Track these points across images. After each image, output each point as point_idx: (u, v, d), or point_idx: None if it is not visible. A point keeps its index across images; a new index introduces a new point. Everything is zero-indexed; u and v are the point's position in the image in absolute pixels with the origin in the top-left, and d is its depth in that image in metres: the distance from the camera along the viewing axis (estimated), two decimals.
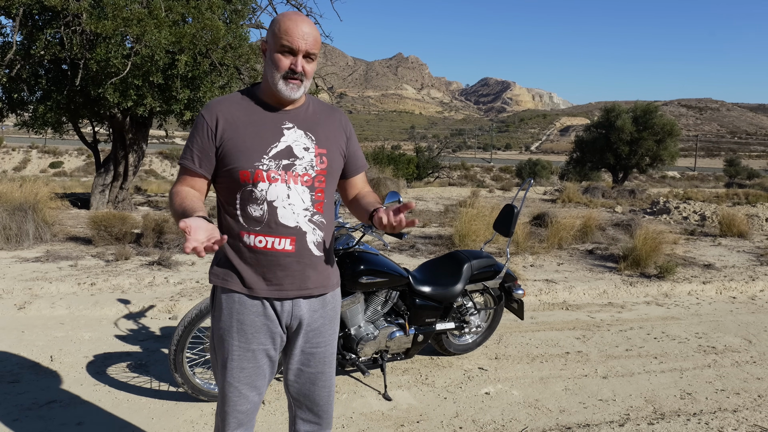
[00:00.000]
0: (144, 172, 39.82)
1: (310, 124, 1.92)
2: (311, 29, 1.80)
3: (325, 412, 2.07)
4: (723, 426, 3.18)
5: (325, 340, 2.01)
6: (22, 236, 6.73)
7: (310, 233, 1.88)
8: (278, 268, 1.86)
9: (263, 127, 1.86)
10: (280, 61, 1.80)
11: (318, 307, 1.97)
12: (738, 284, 6.32)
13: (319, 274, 1.94)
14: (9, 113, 9.89)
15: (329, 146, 1.93)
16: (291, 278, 1.88)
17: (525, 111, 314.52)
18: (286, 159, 1.85)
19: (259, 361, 1.93)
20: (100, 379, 3.50)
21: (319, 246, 1.91)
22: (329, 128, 1.96)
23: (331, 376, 2.06)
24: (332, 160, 1.93)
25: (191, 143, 1.87)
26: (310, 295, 1.93)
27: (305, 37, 1.78)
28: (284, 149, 1.85)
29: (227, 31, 8.95)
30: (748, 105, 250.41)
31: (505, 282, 4.03)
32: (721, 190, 23.24)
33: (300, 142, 1.88)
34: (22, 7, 8.01)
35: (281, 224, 1.84)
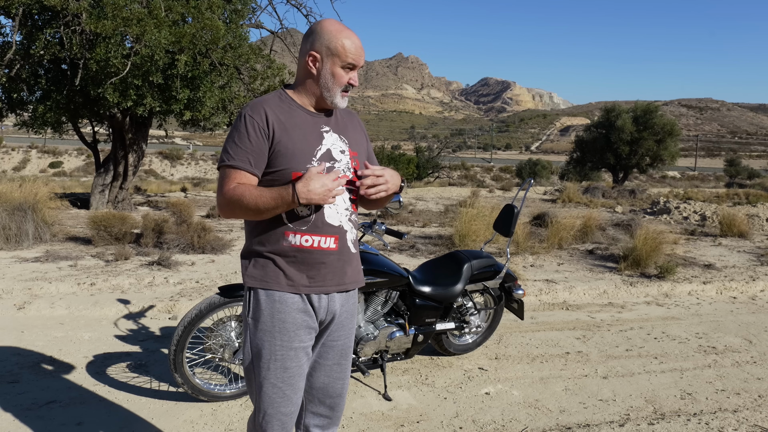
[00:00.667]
0: (144, 172, 39.81)
1: (341, 128, 2.03)
2: (360, 43, 1.94)
3: (338, 405, 2.09)
4: (723, 426, 3.17)
5: (346, 333, 2.07)
6: (21, 236, 6.73)
7: (350, 231, 1.99)
8: (322, 266, 1.94)
9: (307, 130, 1.94)
10: (342, 78, 1.91)
11: (344, 302, 2.05)
12: (738, 284, 6.31)
13: (353, 269, 2.04)
14: (9, 113, 9.89)
15: (359, 149, 2.05)
16: (332, 274, 1.96)
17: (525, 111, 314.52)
18: (327, 161, 1.94)
19: (300, 360, 1.96)
20: (100, 379, 3.50)
21: (354, 244, 2.03)
22: (355, 132, 2.08)
23: (347, 368, 2.09)
24: (362, 162, 2.02)
25: (241, 143, 1.87)
26: (345, 289, 2.02)
27: (362, 54, 1.93)
28: (326, 152, 1.95)
29: (227, 31, 8.95)
30: (748, 105, 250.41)
31: (505, 282, 4.02)
32: (722, 190, 23.24)
33: (337, 146, 1.98)
34: (22, 6, 8.01)
35: (327, 224, 1.93)
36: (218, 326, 3.21)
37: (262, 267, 1.94)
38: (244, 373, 2.07)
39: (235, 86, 9.85)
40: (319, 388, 2.06)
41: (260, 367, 1.95)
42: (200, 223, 7.65)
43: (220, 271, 5.95)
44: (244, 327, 2.01)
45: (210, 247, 6.84)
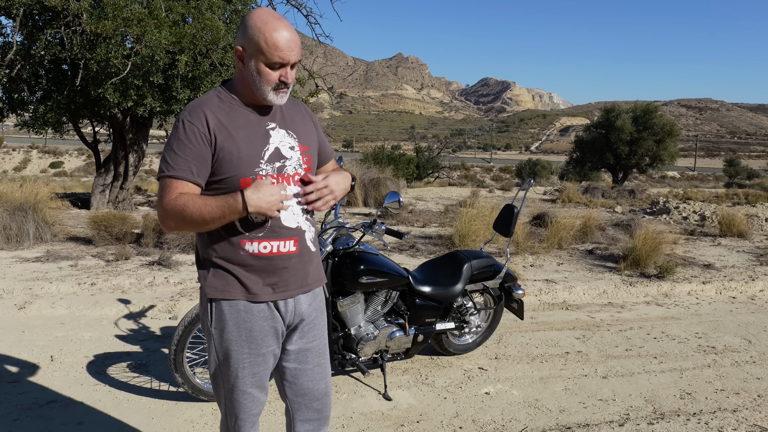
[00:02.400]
0: (144, 172, 39.79)
1: (288, 122, 1.91)
2: (294, 36, 1.74)
3: (325, 405, 2.06)
4: (723, 426, 3.18)
5: (320, 332, 2.02)
6: (22, 236, 6.73)
7: (308, 231, 1.90)
8: (284, 271, 1.85)
9: (252, 131, 1.81)
10: (270, 75, 1.75)
11: (311, 300, 1.99)
12: (738, 284, 6.32)
13: (314, 268, 1.97)
14: (9, 113, 9.89)
15: (309, 142, 1.95)
16: (295, 278, 1.89)
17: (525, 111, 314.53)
18: (277, 161, 1.83)
19: (268, 363, 1.93)
20: (100, 379, 3.50)
21: (314, 242, 1.95)
22: (303, 123, 1.97)
23: (327, 367, 2.06)
24: (314, 155, 1.96)
25: (181, 151, 1.72)
26: (310, 290, 1.96)
27: (293, 48, 1.74)
28: (274, 152, 1.83)
29: (227, 32, 8.95)
30: (748, 105, 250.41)
31: (505, 282, 4.03)
32: (721, 190, 23.24)
33: (285, 142, 1.86)
34: (23, 7, 8.01)
35: (284, 227, 1.83)
36: None
37: (222, 277, 1.84)
38: (210, 379, 2.02)
39: None
40: (305, 394, 2.01)
41: (228, 374, 1.90)
42: None
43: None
44: (206, 336, 1.93)
45: None
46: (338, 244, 3.37)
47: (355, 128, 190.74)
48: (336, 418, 3.14)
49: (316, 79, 11.28)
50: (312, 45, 13.76)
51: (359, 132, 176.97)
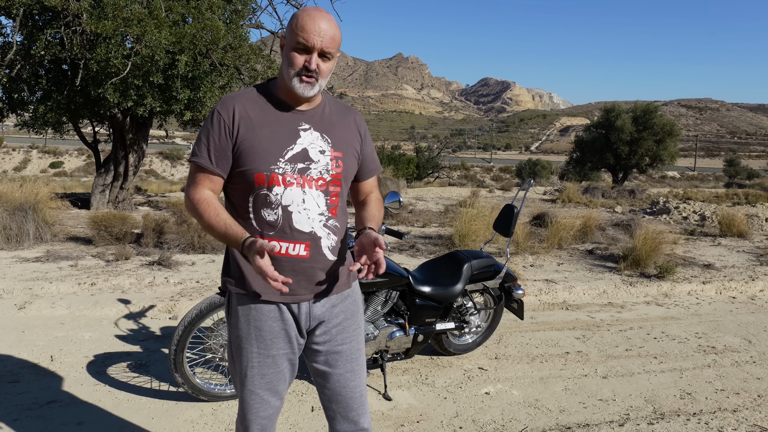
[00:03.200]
0: (144, 172, 39.81)
1: (326, 125, 1.85)
2: (329, 26, 1.72)
3: (361, 415, 1.94)
4: (723, 426, 3.18)
5: (350, 336, 1.94)
6: (22, 236, 6.73)
7: (325, 238, 1.83)
8: (292, 274, 1.78)
9: (280, 128, 1.79)
10: (294, 59, 1.73)
11: (337, 302, 1.92)
12: (738, 284, 6.32)
13: (333, 276, 1.88)
14: (9, 113, 9.89)
15: (345, 149, 1.87)
16: (306, 283, 1.83)
17: (525, 111, 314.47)
18: (301, 162, 1.79)
19: (279, 366, 1.87)
20: (100, 379, 3.50)
21: (333, 250, 1.86)
22: (345, 130, 1.90)
23: (360, 374, 1.95)
24: (347, 164, 1.87)
25: (206, 139, 1.77)
26: (324, 297, 1.89)
27: (321, 35, 1.71)
28: (300, 152, 1.79)
29: (227, 32, 8.95)
30: (748, 105, 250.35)
31: (505, 282, 4.03)
32: (721, 190, 23.24)
33: (316, 145, 1.81)
34: (23, 7, 8.01)
35: (296, 229, 1.78)
36: (218, 326, 3.22)
37: (237, 270, 1.85)
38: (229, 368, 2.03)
39: (235, 86, 9.84)
40: (338, 401, 1.92)
41: (240, 371, 1.89)
42: None
43: (221, 271, 5.96)
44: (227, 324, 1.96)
45: (210, 247, 6.85)
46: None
47: None
48: None
49: None
50: None
51: None
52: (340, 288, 1.92)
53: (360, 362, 1.96)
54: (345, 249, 1.95)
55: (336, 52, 1.78)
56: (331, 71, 1.80)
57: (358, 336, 1.97)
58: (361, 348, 1.98)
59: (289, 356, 1.89)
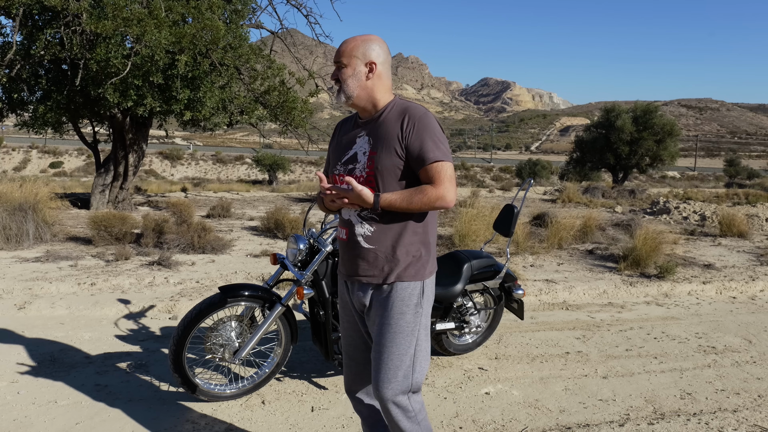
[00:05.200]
0: (144, 172, 39.82)
1: (374, 128, 2.14)
2: (347, 43, 2.13)
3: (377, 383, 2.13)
4: (723, 426, 3.18)
5: (377, 328, 2.16)
6: (22, 236, 6.73)
7: (359, 226, 2.14)
8: (342, 252, 2.24)
9: (345, 138, 2.23)
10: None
11: (374, 296, 2.17)
12: (738, 284, 6.32)
13: (368, 264, 2.15)
14: (9, 113, 9.89)
15: (380, 147, 2.09)
16: (347, 263, 2.21)
17: (525, 111, 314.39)
18: (350, 164, 2.16)
19: (347, 330, 2.35)
20: (100, 379, 3.50)
21: (368, 239, 2.13)
22: (388, 129, 2.11)
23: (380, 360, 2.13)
24: (380, 161, 2.08)
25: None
26: (358, 281, 2.19)
27: (339, 51, 2.13)
28: (352, 155, 2.17)
29: (227, 31, 8.95)
30: (748, 105, 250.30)
31: (505, 282, 4.02)
32: (721, 190, 23.24)
33: (362, 148, 2.14)
34: (22, 7, 8.01)
35: (342, 217, 2.22)
36: (218, 326, 3.21)
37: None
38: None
39: (235, 86, 9.84)
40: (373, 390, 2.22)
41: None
42: (200, 223, 7.66)
43: (221, 271, 5.96)
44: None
45: (210, 247, 6.85)
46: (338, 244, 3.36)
47: None
48: (336, 419, 3.14)
49: (315, 79, 11.27)
50: (312, 45, 13.73)
51: None
52: (373, 278, 2.15)
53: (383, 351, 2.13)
54: (396, 243, 2.12)
55: (349, 59, 2.11)
56: (353, 76, 2.11)
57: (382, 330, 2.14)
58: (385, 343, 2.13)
59: (355, 326, 2.31)
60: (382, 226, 2.11)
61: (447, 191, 2.05)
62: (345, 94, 2.12)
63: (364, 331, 2.28)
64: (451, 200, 2.07)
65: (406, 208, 2.05)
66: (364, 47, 2.10)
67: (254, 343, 3.21)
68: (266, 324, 3.19)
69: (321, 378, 3.63)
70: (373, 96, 2.13)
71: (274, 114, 10.46)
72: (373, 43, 2.12)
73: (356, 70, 2.10)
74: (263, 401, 3.30)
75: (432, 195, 2.04)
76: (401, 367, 2.12)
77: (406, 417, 2.15)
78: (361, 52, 2.10)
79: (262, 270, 6.08)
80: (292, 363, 3.82)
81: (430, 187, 2.05)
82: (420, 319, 2.15)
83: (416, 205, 2.04)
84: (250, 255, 6.84)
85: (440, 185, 2.05)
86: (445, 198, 2.05)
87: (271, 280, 3.46)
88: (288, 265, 3.33)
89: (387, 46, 2.18)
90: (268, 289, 3.30)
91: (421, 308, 2.16)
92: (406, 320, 2.13)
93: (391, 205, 2.04)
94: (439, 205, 2.05)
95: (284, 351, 3.38)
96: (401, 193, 2.05)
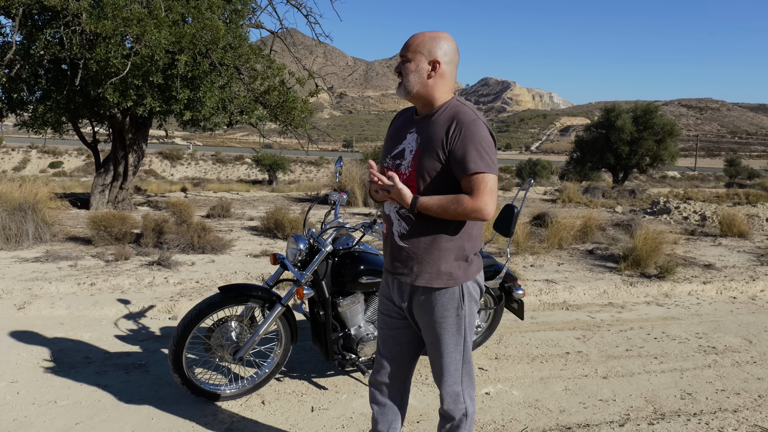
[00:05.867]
0: (144, 172, 39.79)
1: (425, 128, 2.14)
2: (414, 37, 2.12)
3: (440, 383, 2.27)
4: (723, 426, 3.18)
5: (425, 330, 2.24)
6: (21, 236, 6.73)
7: (396, 224, 2.19)
8: (383, 247, 2.31)
9: (396, 133, 2.25)
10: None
11: (415, 297, 2.22)
12: (738, 284, 6.31)
13: (400, 262, 2.20)
14: (9, 113, 9.88)
15: (425, 149, 2.11)
16: (387, 257, 2.28)
17: (525, 111, 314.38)
18: (398, 159, 2.19)
19: (384, 322, 2.37)
20: (100, 379, 3.50)
21: (402, 237, 2.17)
22: (435, 131, 2.10)
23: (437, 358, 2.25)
24: (423, 162, 2.09)
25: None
26: (396, 278, 2.24)
27: (406, 43, 2.13)
28: (400, 151, 2.19)
29: (227, 31, 8.94)
30: (748, 105, 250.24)
31: (505, 282, 4.02)
32: (722, 190, 23.23)
33: (410, 146, 2.16)
34: (22, 6, 8.00)
35: (384, 212, 2.27)
36: (218, 326, 3.21)
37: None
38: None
39: (235, 86, 9.83)
40: (436, 384, 2.32)
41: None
42: (200, 223, 7.65)
43: (220, 271, 5.95)
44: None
45: (210, 247, 6.85)
46: (338, 244, 3.36)
47: (355, 128, 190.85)
48: (336, 419, 3.14)
49: (315, 79, 11.27)
50: (312, 45, 13.72)
51: (359, 132, 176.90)
52: (407, 277, 2.19)
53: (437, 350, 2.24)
54: (431, 246, 2.13)
55: (414, 54, 2.10)
56: (415, 72, 2.11)
57: (430, 332, 2.23)
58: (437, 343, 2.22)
59: (395, 320, 2.34)
60: (417, 227, 2.13)
61: (485, 204, 2.00)
62: (405, 88, 2.13)
63: (393, 324, 2.34)
64: (489, 213, 2.01)
65: (441, 216, 2.07)
66: (431, 44, 2.08)
67: (254, 343, 3.21)
68: (266, 324, 3.19)
69: (321, 378, 3.63)
70: (433, 94, 2.12)
71: (274, 114, 10.45)
72: (441, 41, 2.09)
73: (419, 66, 2.09)
74: (263, 401, 3.30)
75: (468, 207, 2.01)
76: (452, 363, 2.25)
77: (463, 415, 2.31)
78: (427, 49, 2.08)
79: (262, 270, 6.08)
80: (292, 363, 3.81)
81: (468, 198, 2.01)
82: (463, 320, 2.20)
83: (451, 214, 2.04)
84: (250, 255, 6.84)
85: (479, 198, 2.00)
86: (483, 211, 2.00)
87: (271, 280, 3.46)
88: (288, 265, 3.33)
89: (456, 46, 2.14)
90: (268, 289, 3.30)
91: (463, 309, 2.18)
92: (448, 323, 2.19)
93: (427, 210, 2.07)
94: (475, 217, 2.02)
95: (284, 351, 3.38)
96: (438, 200, 2.05)
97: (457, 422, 2.32)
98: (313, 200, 13.64)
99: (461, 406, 2.29)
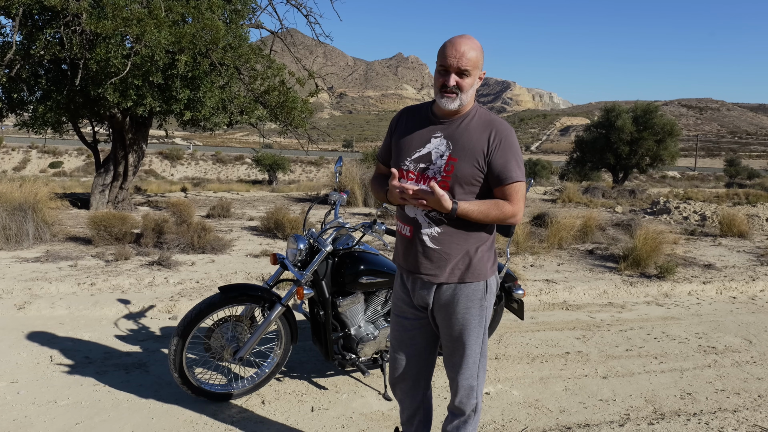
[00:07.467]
0: (144, 172, 39.78)
1: (456, 133, 2.17)
2: (468, 48, 2.07)
3: (464, 403, 2.34)
4: (723, 426, 3.18)
5: (451, 329, 2.29)
6: (21, 236, 6.73)
7: (425, 226, 2.20)
8: (403, 248, 2.30)
9: (417, 134, 2.23)
10: (437, 80, 2.13)
11: (438, 295, 2.26)
12: (738, 284, 6.31)
13: (431, 263, 2.22)
14: (9, 113, 9.88)
15: (463, 155, 2.14)
16: (410, 258, 2.27)
17: (525, 111, 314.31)
18: (422, 163, 2.19)
19: (401, 324, 2.39)
20: (100, 379, 3.50)
21: (434, 240, 2.20)
22: (472, 139, 2.15)
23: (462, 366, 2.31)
24: (460, 168, 2.13)
25: (385, 139, 2.39)
26: (421, 278, 2.26)
27: (457, 56, 2.06)
28: (425, 154, 2.19)
29: (227, 31, 8.94)
30: (748, 105, 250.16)
31: (505, 282, 4.02)
32: (722, 190, 23.23)
33: (439, 150, 2.18)
34: (22, 6, 8.00)
35: (405, 214, 2.26)
36: (218, 326, 3.21)
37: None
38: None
39: (235, 86, 9.83)
40: (450, 378, 2.36)
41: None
42: (200, 223, 7.65)
43: (220, 271, 5.95)
44: None
45: (210, 247, 6.85)
46: (338, 244, 3.36)
47: (355, 128, 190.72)
48: (336, 419, 3.14)
49: (315, 79, 11.27)
50: (312, 45, 13.72)
51: (359, 132, 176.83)
52: (436, 278, 2.23)
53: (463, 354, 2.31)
54: (464, 246, 2.21)
55: (474, 70, 2.10)
56: (472, 86, 2.13)
57: (463, 335, 2.28)
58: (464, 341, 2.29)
59: (411, 321, 2.36)
60: (451, 230, 2.19)
61: (520, 210, 2.20)
62: (461, 101, 2.13)
63: (409, 325, 2.37)
64: (521, 218, 2.23)
65: (480, 220, 2.16)
66: (482, 58, 2.14)
67: (254, 343, 3.21)
68: (266, 324, 3.19)
69: (321, 378, 3.63)
70: (471, 103, 2.20)
71: (274, 114, 10.45)
72: (482, 54, 2.16)
73: (475, 80, 2.15)
74: (263, 401, 3.30)
75: (508, 212, 2.17)
76: (471, 356, 2.31)
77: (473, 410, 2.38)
78: (481, 63, 2.14)
79: (262, 270, 6.08)
80: (292, 363, 3.82)
81: (507, 204, 2.16)
82: (485, 312, 2.31)
83: (491, 219, 2.16)
84: (250, 255, 6.84)
85: (516, 204, 2.17)
86: (517, 216, 2.19)
87: (271, 280, 3.46)
88: (288, 265, 3.33)
89: None
90: (268, 289, 3.30)
91: (486, 302, 2.31)
92: (472, 314, 2.28)
93: (467, 216, 2.14)
94: (511, 221, 2.19)
95: (284, 351, 3.38)
96: (478, 205, 2.14)
97: (465, 417, 2.38)
98: (313, 200, 13.64)
99: (473, 401, 2.36)
